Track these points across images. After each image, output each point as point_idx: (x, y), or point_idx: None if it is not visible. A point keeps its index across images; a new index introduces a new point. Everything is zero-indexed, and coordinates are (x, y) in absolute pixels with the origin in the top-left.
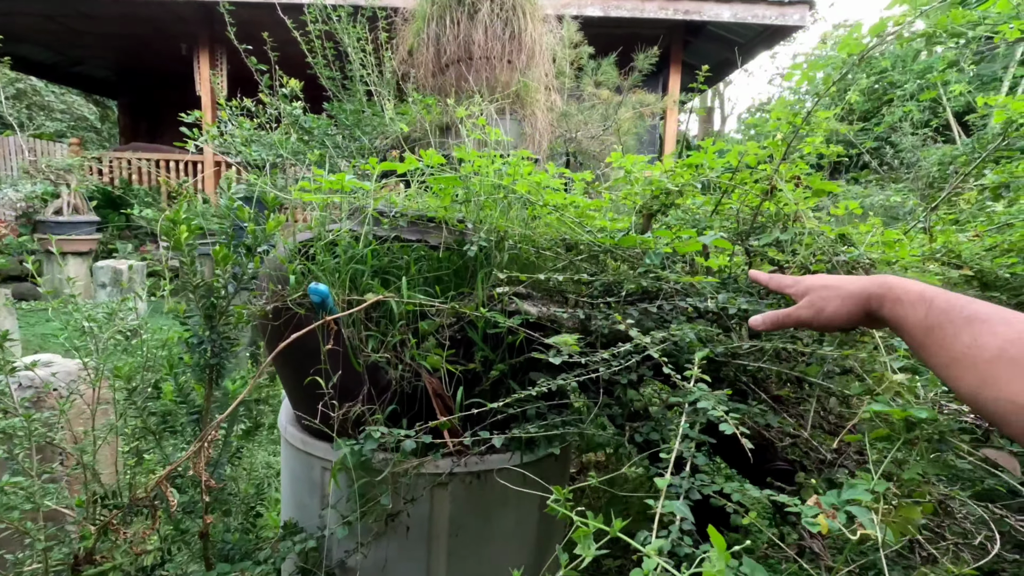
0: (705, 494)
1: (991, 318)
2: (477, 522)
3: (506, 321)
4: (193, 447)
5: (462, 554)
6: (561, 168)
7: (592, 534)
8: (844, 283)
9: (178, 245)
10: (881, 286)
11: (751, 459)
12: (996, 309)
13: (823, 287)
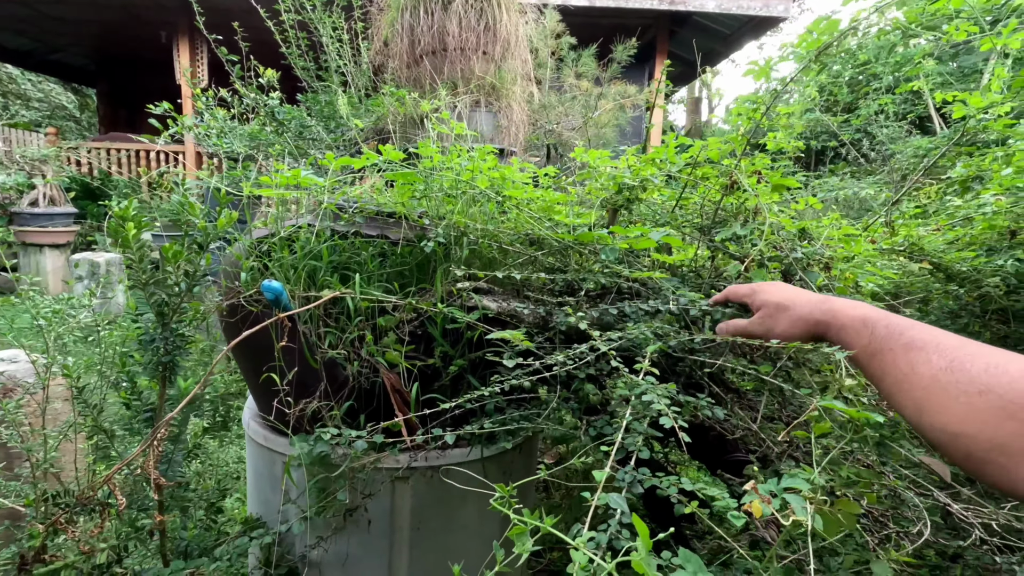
0: (647, 487)
1: (926, 346)
2: (439, 516)
3: (464, 317)
4: (142, 445)
5: (424, 547)
6: (527, 163)
7: (529, 531)
8: (794, 304)
9: (126, 243)
10: (826, 313)
11: (711, 450)
12: (933, 335)
13: (776, 307)
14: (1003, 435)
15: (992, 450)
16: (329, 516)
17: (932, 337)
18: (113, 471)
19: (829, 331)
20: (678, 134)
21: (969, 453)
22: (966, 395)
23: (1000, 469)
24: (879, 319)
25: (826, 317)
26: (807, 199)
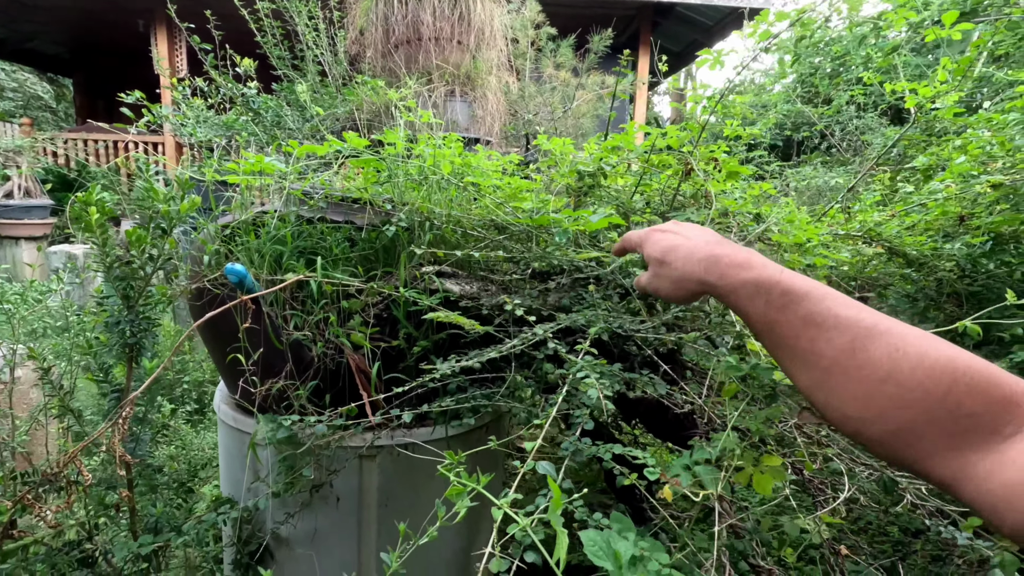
0: (589, 455)
1: (826, 322)
2: (406, 493)
3: (426, 299)
4: (107, 423)
5: (393, 524)
6: (493, 152)
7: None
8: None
9: (89, 227)
10: (711, 273)
11: (672, 428)
12: (830, 307)
13: (658, 263)
14: (898, 422)
15: (887, 434)
16: (296, 492)
17: (831, 310)
18: (78, 448)
19: (717, 293)
20: (663, 125)
21: (863, 434)
22: (868, 382)
23: (891, 450)
24: (773, 283)
25: (711, 278)
26: (762, 185)
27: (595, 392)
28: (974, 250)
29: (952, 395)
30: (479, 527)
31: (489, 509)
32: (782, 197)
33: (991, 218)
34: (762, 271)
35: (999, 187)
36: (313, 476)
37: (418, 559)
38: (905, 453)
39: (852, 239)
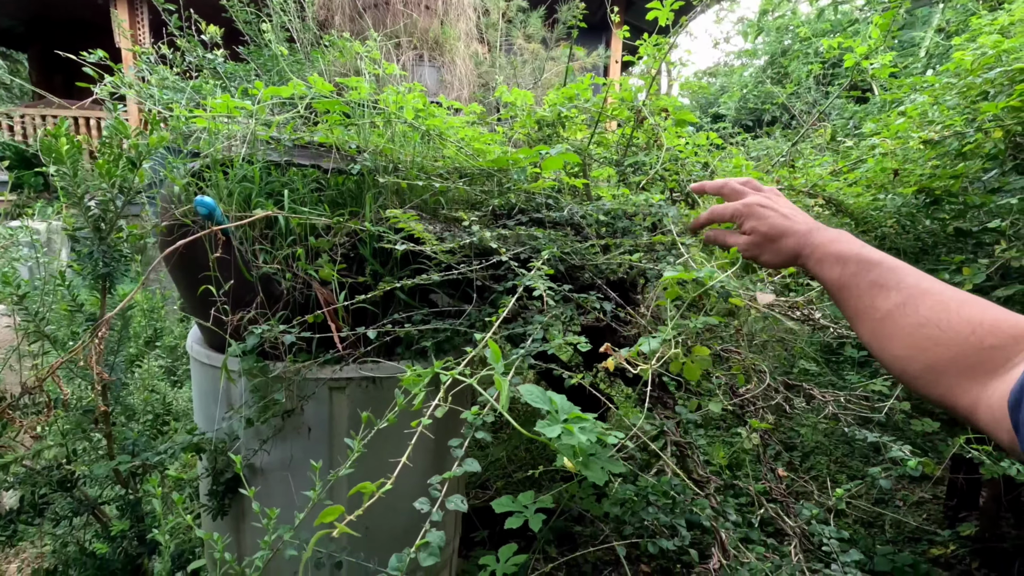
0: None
1: (887, 283)
2: (378, 431)
3: (391, 234)
4: (83, 339)
5: (365, 461)
6: (456, 103)
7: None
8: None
9: (59, 157)
10: (807, 247)
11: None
12: (896, 274)
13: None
14: (931, 358)
15: (924, 369)
16: (269, 418)
17: (895, 276)
18: (57, 363)
19: (808, 264)
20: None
21: (907, 371)
22: (911, 327)
23: (928, 384)
24: (851, 255)
25: (806, 251)
26: (708, 134)
27: (542, 284)
28: (911, 207)
29: (976, 334)
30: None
31: (454, 428)
32: (730, 148)
33: (921, 171)
34: (844, 247)
35: (934, 144)
36: (285, 401)
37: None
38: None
39: (796, 192)
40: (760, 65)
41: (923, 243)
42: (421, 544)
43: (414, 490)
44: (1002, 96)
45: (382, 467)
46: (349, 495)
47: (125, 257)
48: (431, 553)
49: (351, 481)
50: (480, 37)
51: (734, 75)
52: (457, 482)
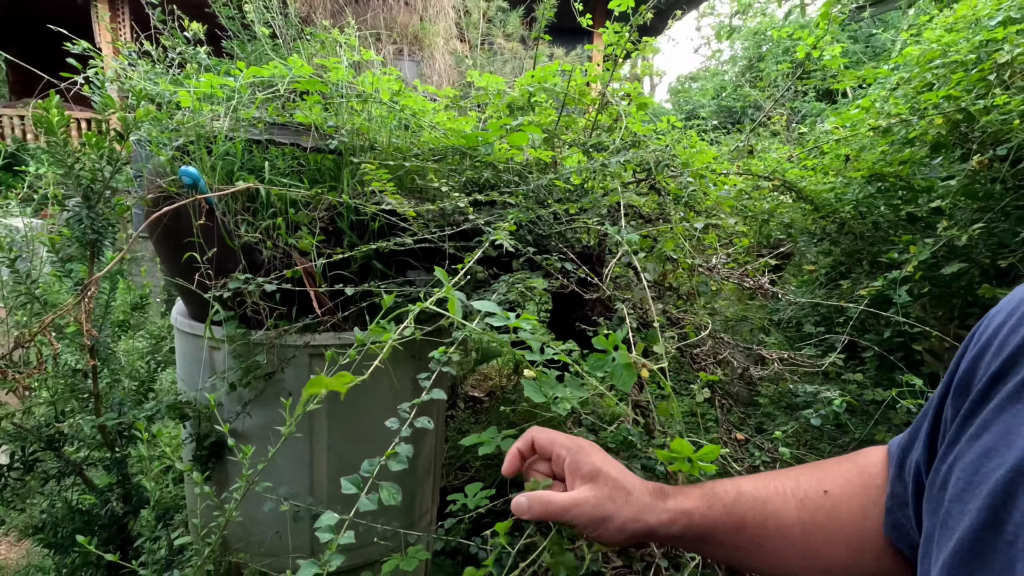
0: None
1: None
2: (354, 390)
3: (369, 206)
4: (74, 298)
5: (342, 418)
6: (429, 87)
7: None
8: (612, 518)
9: (50, 128)
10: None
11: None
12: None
13: (593, 521)
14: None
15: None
16: (251, 380)
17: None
18: (49, 318)
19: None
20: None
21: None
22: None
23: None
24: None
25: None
26: (668, 118)
27: (508, 245)
28: (868, 194)
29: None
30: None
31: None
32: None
33: (873, 157)
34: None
35: (884, 132)
36: (266, 364)
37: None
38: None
39: (755, 177)
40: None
41: (878, 227)
42: (391, 454)
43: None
44: (942, 86)
45: (360, 430)
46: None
47: (112, 225)
48: (399, 461)
49: (330, 442)
50: (460, 36)
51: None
52: (434, 451)
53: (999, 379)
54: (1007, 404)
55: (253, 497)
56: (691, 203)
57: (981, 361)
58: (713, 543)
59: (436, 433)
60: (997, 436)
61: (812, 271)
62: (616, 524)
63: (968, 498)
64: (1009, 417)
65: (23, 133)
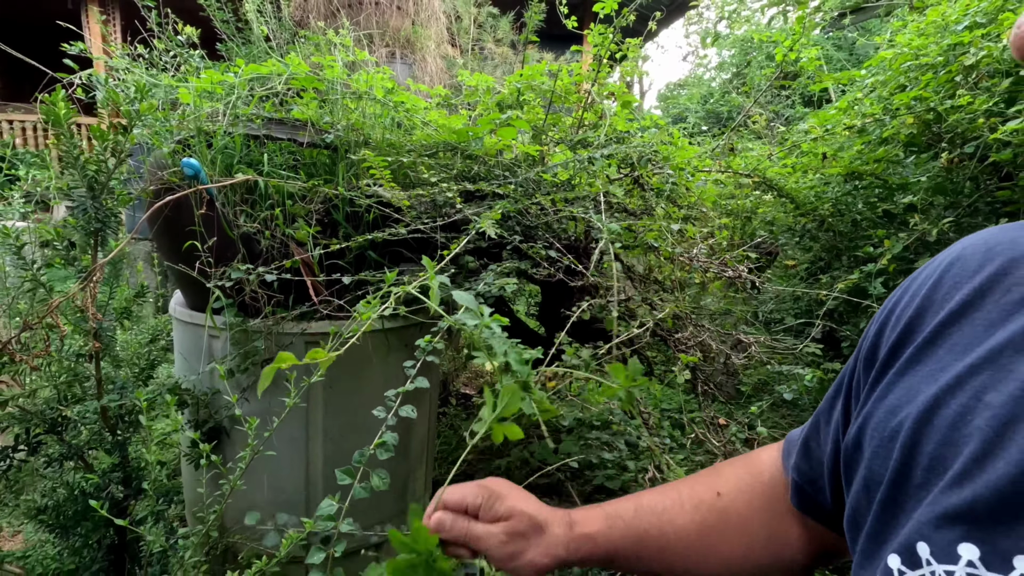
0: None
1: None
2: (348, 377)
3: (363, 199)
4: (80, 282)
5: (337, 404)
6: (422, 86)
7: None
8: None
9: (57, 120)
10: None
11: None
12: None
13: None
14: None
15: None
16: (249, 365)
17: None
18: (56, 302)
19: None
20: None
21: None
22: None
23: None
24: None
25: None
26: (651, 115)
27: (492, 232)
28: (846, 192)
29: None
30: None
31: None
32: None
33: (849, 155)
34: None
35: (859, 132)
36: (264, 350)
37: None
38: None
39: (736, 174)
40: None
41: (857, 225)
42: (379, 443)
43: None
44: (913, 88)
45: (355, 419)
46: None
47: (115, 216)
48: (387, 449)
49: (325, 429)
50: (452, 40)
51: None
52: (426, 442)
53: (898, 347)
54: (907, 368)
55: (250, 483)
56: (673, 197)
57: (882, 336)
58: (619, 558)
59: (428, 423)
60: (900, 395)
61: (793, 266)
62: (526, 559)
63: (883, 453)
64: (909, 378)
65: (12, 138)
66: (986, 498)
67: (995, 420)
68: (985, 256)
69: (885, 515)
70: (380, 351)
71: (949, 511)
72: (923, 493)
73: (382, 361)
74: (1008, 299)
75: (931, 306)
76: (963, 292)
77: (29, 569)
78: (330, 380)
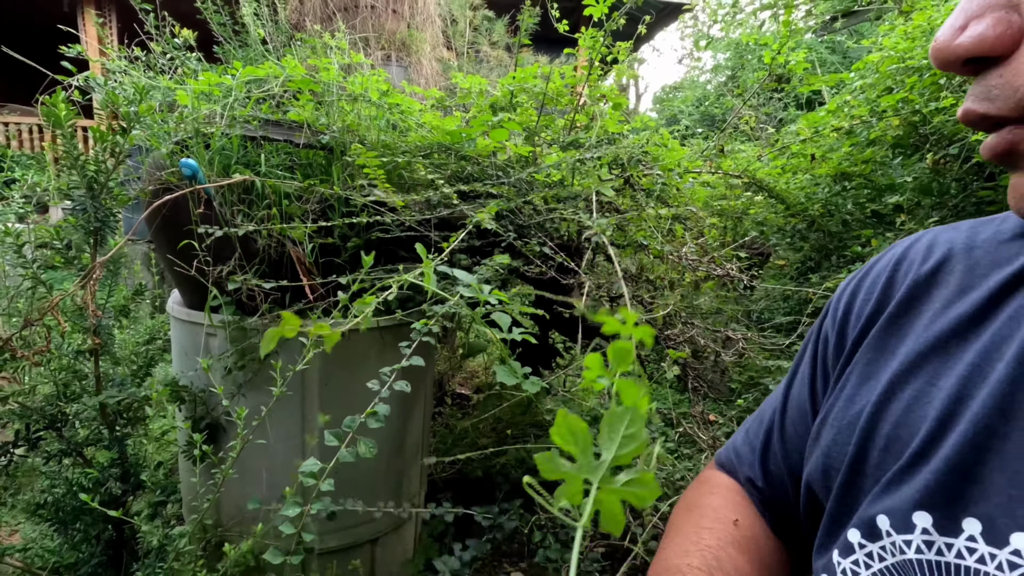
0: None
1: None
2: (344, 374)
3: (359, 197)
4: (80, 280)
5: (332, 401)
6: (416, 87)
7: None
8: None
9: (58, 122)
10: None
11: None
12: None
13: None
14: None
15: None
16: (247, 362)
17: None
18: (57, 299)
19: None
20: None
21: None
22: None
23: None
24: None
25: None
26: (642, 117)
27: (487, 216)
28: (835, 193)
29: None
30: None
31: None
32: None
33: (838, 156)
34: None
35: (848, 133)
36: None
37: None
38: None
39: (726, 175)
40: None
41: (847, 225)
42: (370, 412)
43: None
44: (899, 90)
45: (349, 410)
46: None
47: (114, 215)
48: (378, 420)
49: (321, 425)
50: (447, 43)
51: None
52: (421, 439)
53: (860, 339)
54: (862, 358)
55: (246, 478)
56: (663, 197)
57: (846, 325)
58: None
59: (423, 421)
60: (858, 385)
61: (783, 266)
62: None
63: (842, 439)
64: (867, 367)
65: (7, 140)
66: (938, 470)
67: (947, 400)
68: (926, 253)
69: (846, 497)
70: (375, 349)
71: (906, 486)
72: (880, 473)
73: (377, 358)
74: (947, 291)
75: (887, 301)
76: (909, 287)
77: (29, 563)
78: (324, 378)
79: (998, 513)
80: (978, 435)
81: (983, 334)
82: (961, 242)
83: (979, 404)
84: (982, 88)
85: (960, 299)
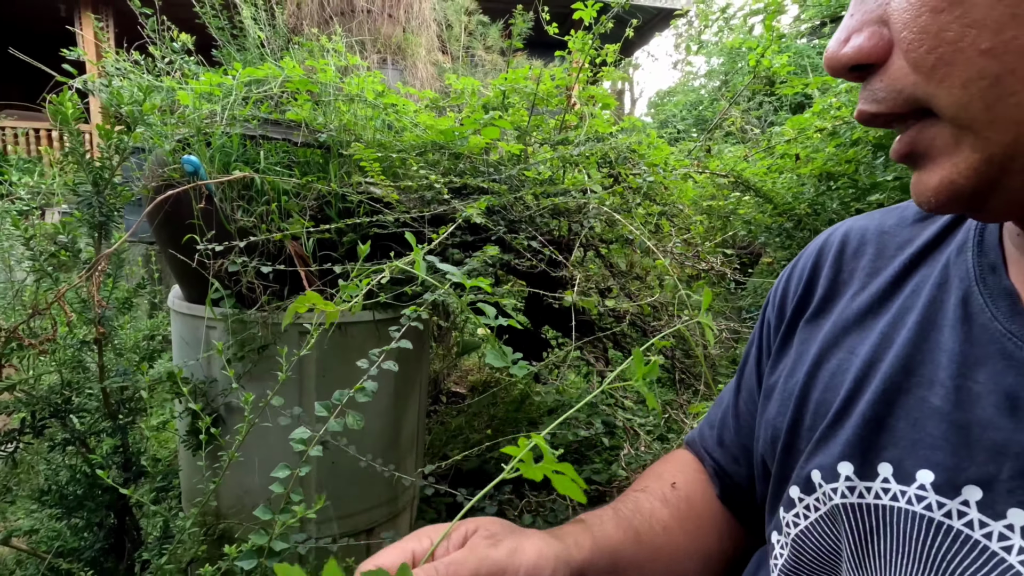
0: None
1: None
2: (341, 366)
3: (355, 194)
4: (86, 271)
5: (329, 392)
6: (411, 88)
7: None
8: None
9: (65, 121)
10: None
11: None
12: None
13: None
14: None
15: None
16: (247, 353)
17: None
18: (64, 289)
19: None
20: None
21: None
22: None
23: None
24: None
25: None
26: (630, 118)
27: (476, 211)
28: (821, 194)
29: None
30: (405, 390)
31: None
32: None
33: (817, 155)
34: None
35: (831, 134)
36: (260, 337)
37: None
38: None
39: (714, 175)
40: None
41: (831, 223)
42: (358, 389)
43: (377, 427)
44: None
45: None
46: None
47: (118, 211)
48: (365, 395)
49: (319, 417)
50: (442, 47)
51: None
52: (415, 434)
53: (794, 322)
54: (799, 334)
55: (246, 469)
56: (651, 194)
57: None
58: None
59: (418, 416)
60: (794, 359)
61: (770, 263)
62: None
63: (782, 409)
64: (798, 344)
65: (2, 144)
66: (856, 424)
67: (862, 365)
68: (843, 240)
69: (787, 459)
70: (371, 342)
71: (832, 441)
72: (812, 433)
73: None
74: (862, 273)
75: (813, 286)
76: (831, 273)
77: (35, 546)
78: (322, 370)
79: (905, 455)
80: (887, 391)
81: (891, 307)
82: (873, 228)
83: (887, 365)
84: (868, 92)
85: (873, 279)
